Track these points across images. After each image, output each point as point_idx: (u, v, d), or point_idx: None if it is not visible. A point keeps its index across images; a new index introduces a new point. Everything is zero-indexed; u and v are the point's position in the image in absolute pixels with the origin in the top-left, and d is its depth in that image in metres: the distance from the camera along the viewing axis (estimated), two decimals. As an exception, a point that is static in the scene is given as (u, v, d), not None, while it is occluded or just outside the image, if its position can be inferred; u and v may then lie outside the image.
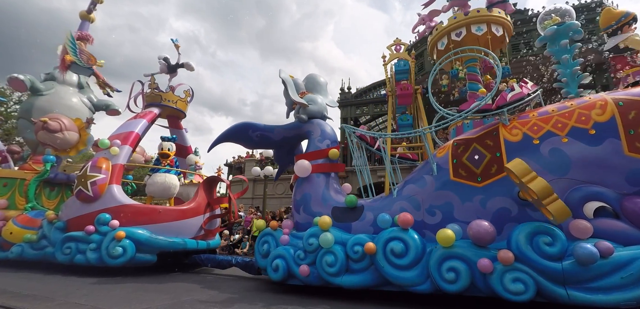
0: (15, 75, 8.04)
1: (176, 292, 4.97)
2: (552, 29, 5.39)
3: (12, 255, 6.60)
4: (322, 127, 6.34)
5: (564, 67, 5.35)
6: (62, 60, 7.98)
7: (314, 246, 4.82)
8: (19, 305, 3.84)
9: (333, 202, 5.59)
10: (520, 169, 3.43)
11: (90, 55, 8.71)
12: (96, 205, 6.56)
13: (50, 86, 8.51)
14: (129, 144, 7.34)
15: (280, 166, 7.71)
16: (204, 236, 7.53)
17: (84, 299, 4.26)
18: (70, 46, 8.22)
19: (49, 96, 8.40)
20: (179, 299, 4.43)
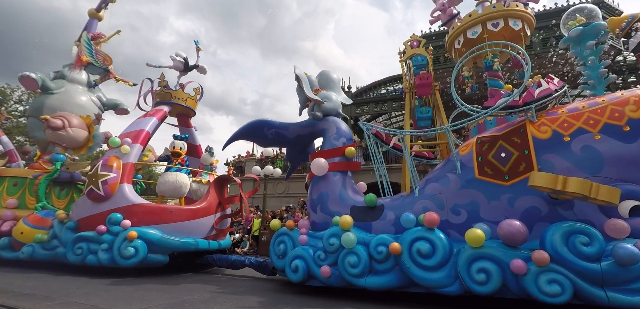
0: (28, 73, 7.94)
1: (177, 291, 4.94)
2: (578, 30, 5.22)
3: (23, 255, 6.49)
4: (338, 125, 6.23)
5: (591, 70, 5.18)
6: (78, 61, 7.85)
7: (335, 247, 4.70)
8: (19, 304, 3.82)
9: (351, 201, 5.47)
10: (547, 180, 3.35)
11: (106, 56, 8.61)
12: (107, 204, 6.44)
13: (61, 85, 8.41)
14: (140, 142, 7.23)
15: (292, 165, 7.59)
16: (215, 236, 7.42)
17: (84, 299, 4.24)
18: (86, 47, 8.12)
19: (59, 95, 8.30)
20: (180, 299, 4.41)
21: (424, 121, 5.79)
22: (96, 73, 8.64)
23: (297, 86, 6.76)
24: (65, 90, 8.44)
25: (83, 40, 8.12)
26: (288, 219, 10.87)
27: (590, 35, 5.26)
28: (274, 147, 6.92)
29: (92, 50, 8.19)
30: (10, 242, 6.81)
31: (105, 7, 9.75)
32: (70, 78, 8.69)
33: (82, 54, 7.86)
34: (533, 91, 4.43)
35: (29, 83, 8.12)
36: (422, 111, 5.74)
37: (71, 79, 8.70)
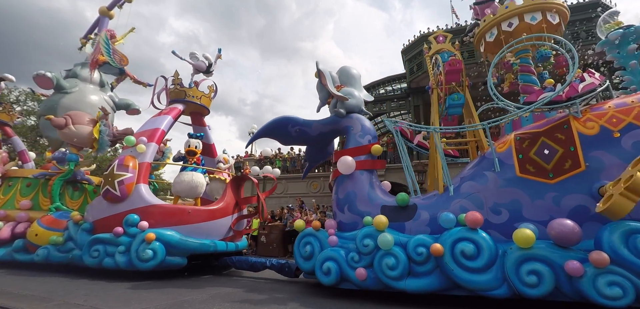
0: (43, 72, 7.76)
1: (176, 292, 4.89)
2: (618, 33, 4.98)
3: (38, 257, 6.30)
4: (362, 122, 6.04)
5: (632, 74, 4.96)
6: (95, 60, 7.66)
7: (370, 248, 4.51)
8: (17, 305, 3.78)
9: (380, 201, 5.27)
10: None
11: (123, 56, 8.44)
12: (124, 205, 6.26)
13: (74, 84, 8.23)
14: (155, 141, 7.04)
15: (310, 164, 7.38)
16: (232, 237, 7.23)
17: (82, 300, 4.21)
18: (105, 47, 7.94)
19: (73, 94, 8.12)
20: (179, 299, 4.37)
21: (455, 108, 5.54)
22: (112, 73, 8.43)
23: (318, 82, 6.58)
24: (79, 90, 8.25)
25: (101, 39, 7.93)
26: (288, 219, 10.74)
27: (631, 38, 5.03)
28: (296, 145, 6.70)
29: (109, 50, 8.01)
30: (24, 244, 6.62)
31: (120, 6, 9.58)
32: (83, 78, 8.51)
33: (99, 53, 7.66)
34: (576, 86, 4.24)
35: (44, 82, 7.93)
36: (454, 98, 5.49)
37: (84, 78, 8.52)
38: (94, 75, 9.09)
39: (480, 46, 6.19)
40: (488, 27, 5.77)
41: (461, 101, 5.47)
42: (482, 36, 5.99)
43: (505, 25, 5.54)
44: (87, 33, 10.74)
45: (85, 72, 8.73)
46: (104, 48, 7.96)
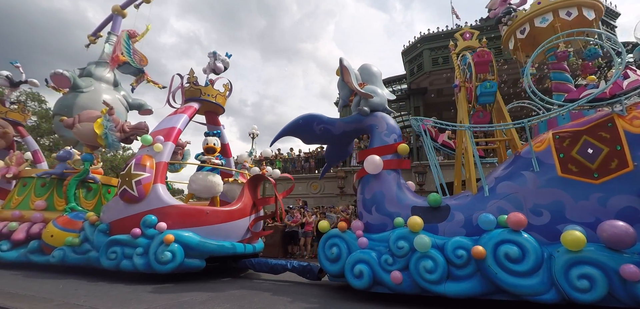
0: (60, 71, 7.64)
1: (176, 292, 4.86)
2: None
3: (54, 259, 6.17)
4: (387, 121, 5.88)
5: None
6: (114, 59, 7.53)
7: (404, 250, 4.34)
8: (17, 305, 3.79)
9: (410, 201, 5.10)
10: None
11: (143, 56, 8.31)
12: (141, 205, 6.12)
13: (89, 83, 8.12)
14: (172, 140, 6.90)
15: (329, 164, 7.21)
16: (249, 239, 7.07)
17: (82, 300, 4.21)
18: (125, 47, 7.81)
19: (89, 93, 8.00)
20: (178, 300, 4.37)
21: (487, 96, 5.34)
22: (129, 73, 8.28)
23: (340, 80, 6.42)
24: (94, 89, 8.14)
25: (122, 38, 7.80)
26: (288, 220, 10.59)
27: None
28: (319, 144, 6.54)
29: (130, 50, 7.88)
30: (40, 245, 6.50)
31: (136, 6, 9.47)
32: (98, 77, 8.40)
33: (119, 52, 7.51)
34: (621, 83, 4.04)
35: (61, 81, 7.81)
36: (486, 86, 5.27)
37: (98, 77, 8.41)
38: (107, 74, 8.99)
39: (508, 43, 5.98)
40: (519, 23, 5.58)
41: (493, 89, 5.27)
42: (512, 33, 5.80)
43: (539, 21, 5.36)
44: (96, 30, 10.62)
45: (100, 70, 8.62)
46: (125, 48, 7.82)
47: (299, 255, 10.80)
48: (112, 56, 7.45)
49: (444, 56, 14.89)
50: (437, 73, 15.08)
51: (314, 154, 17.82)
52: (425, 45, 15.33)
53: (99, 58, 9.12)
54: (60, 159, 7.92)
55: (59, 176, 7.72)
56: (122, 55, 7.64)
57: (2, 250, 6.48)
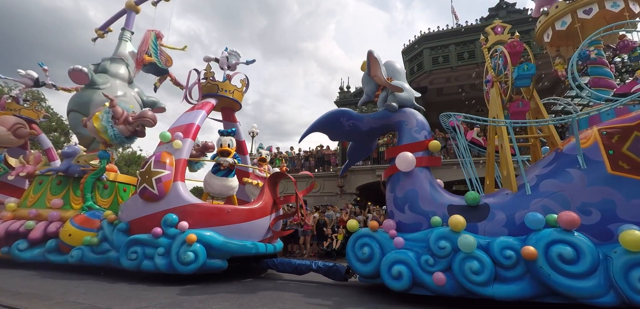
0: (79, 67, 7.47)
1: (175, 291, 4.83)
2: None
3: (73, 259, 5.99)
4: (417, 117, 5.62)
5: None
6: (140, 59, 7.32)
7: (446, 251, 4.08)
8: (17, 303, 3.76)
9: (445, 200, 4.85)
10: None
11: (168, 57, 8.10)
12: (162, 204, 5.91)
13: (105, 79, 7.94)
14: (191, 137, 6.69)
15: (350, 161, 6.95)
16: (270, 238, 6.85)
17: (82, 298, 4.23)
18: (153, 47, 7.60)
19: (105, 89, 7.82)
20: (177, 298, 4.37)
21: (524, 79, 5.04)
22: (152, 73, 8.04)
23: (365, 74, 6.15)
24: (111, 86, 7.96)
25: (150, 39, 7.59)
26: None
27: None
28: (346, 140, 6.29)
29: (157, 50, 7.67)
30: (57, 244, 6.33)
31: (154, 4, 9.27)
32: (113, 73, 8.23)
33: (145, 52, 7.29)
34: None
35: (79, 77, 7.63)
36: (523, 68, 4.95)
37: (113, 74, 8.24)
38: (122, 71, 8.82)
39: (544, 36, 5.66)
40: (559, 15, 5.25)
41: (531, 70, 4.97)
42: (549, 26, 5.47)
43: (582, 12, 5.04)
44: (105, 25, 10.40)
45: (115, 67, 8.46)
46: (152, 48, 7.60)
47: (299, 254, 10.58)
48: (139, 56, 7.22)
49: (444, 55, 14.73)
50: (437, 72, 14.94)
51: (313, 153, 17.65)
52: (425, 44, 15.21)
53: (113, 55, 8.95)
54: (65, 155, 7.76)
55: (64, 173, 7.59)
56: (149, 56, 7.41)
57: (19, 249, 6.32)
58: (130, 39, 9.45)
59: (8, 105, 8.46)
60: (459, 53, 14.49)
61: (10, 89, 23.17)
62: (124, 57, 9.01)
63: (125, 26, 9.44)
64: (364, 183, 15.45)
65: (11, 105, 8.50)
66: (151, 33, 7.74)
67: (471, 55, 14.40)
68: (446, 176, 13.61)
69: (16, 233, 6.46)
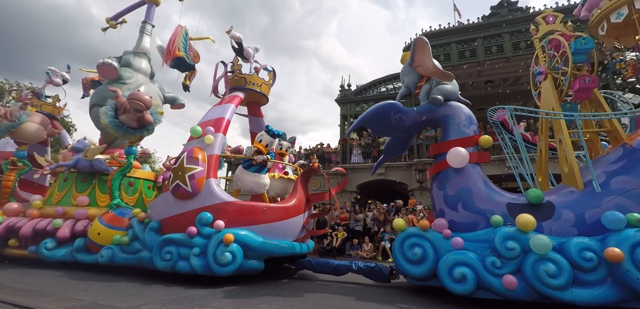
0: (109, 61, 7.24)
1: (176, 288, 4.84)
2: None
3: (103, 259, 5.75)
4: (464, 110, 5.33)
5: None
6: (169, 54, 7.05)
7: (516, 252, 3.80)
8: (17, 300, 3.74)
9: (503, 198, 4.56)
10: None
11: (196, 53, 7.84)
12: (195, 202, 5.65)
13: (130, 74, 7.70)
14: (222, 132, 6.44)
15: (384, 158, 6.65)
16: (303, 238, 6.59)
17: (82, 294, 4.22)
18: (183, 42, 7.34)
19: (130, 85, 7.59)
20: (178, 295, 4.36)
21: (581, 54, 4.71)
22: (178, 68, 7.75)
23: (406, 65, 5.83)
24: (135, 80, 7.73)
25: (181, 34, 7.33)
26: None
27: None
28: (389, 135, 5.99)
29: (187, 46, 7.40)
30: (85, 243, 6.10)
31: None
32: (136, 67, 7.99)
33: (174, 47, 7.01)
34: None
35: (108, 72, 7.39)
36: (580, 42, 4.65)
37: (137, 68, 8.00)
38: (143, 65, 8.58)
39: (598, 29, 5.32)
40: (614, 7, 4.92)
41: (589, 45, 4.66)
42: (603, 18, 5.14)
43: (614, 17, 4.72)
44: (118, 15, 10.06)
45: (137, 61, 8.22)
46: (183, 43, 7.34)
47: None
48: (168, 50, 6.95)
49: (445, 53, 14.49)
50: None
51: (314, 150, 17.43)
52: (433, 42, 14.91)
53: (134, 48, 8.71)
54: (75, 150, 7.54)
55: (73, 168, 7.39)
56: (179, 51, 7.14)
57: (47, 249, 6.11)
58: (151, 32, 9.20)
59: (30, 100, 8.26)
60: (460, 52, 14.26)
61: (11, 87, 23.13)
62: (146, 51, 8.77)
63: (145, 19, 9.20)
64: (364, 181, 15.26)
65: (33, 100, 8.30)
66: (182, 28, 7.46)
67: (472, 54, 14.16)
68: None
69: (43, 232, 6.24)
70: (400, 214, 10.45)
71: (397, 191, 16.17)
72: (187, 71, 7.63)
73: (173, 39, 7.05)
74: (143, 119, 6.70)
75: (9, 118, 7.55)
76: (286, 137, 7.03)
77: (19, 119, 7.70)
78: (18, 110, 7.79)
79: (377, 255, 9.49)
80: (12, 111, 7.63)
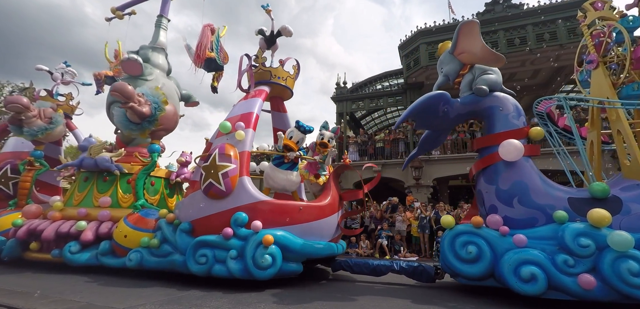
0: (134, 56, 6.90)
1: (173, 288, 4.81)
2: None
3: (131, 262, 5.47)
4: (512, 101, 5.10)
5: None
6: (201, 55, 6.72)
7: (590, 250, 3.58)
8: (12, 302, 3.72)
9: (562, 192, 4.33)
10: None
11: (226, 54, 7.51)
12: (229, 202, 5.38)
13: (150, 70, 7.38)
14: (252, 127, 6.15)
15: (418, 152, 6.41)
16: (337, 237, 6.35)
17: (79, 296, 4.19)
18: (216, 43, 7.02)
19: (151, 81, 7.27)
20: (176, 295, 4.35)
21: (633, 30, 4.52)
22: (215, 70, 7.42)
23: (445, 54, 5.61)
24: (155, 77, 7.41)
25: (215, 35, 7.00)
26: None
27: None
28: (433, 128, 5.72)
29: (218, 46, 7.08)
30: (111, 246, 5.81)
31: None
32: (155, 63, 7.67)
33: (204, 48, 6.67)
34: None
35: (133, 68, 7.05)
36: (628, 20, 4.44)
37: (155, 64, 7.68)
38: (161, 60, 8.26)
39: None
40: None
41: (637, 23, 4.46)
42: None
43: None
44: (125, 6, 9.56)
45: (155, 56, 7.90)
46: (215, 44, 7.02)
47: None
48: (198, 51, 6.62)
49: None
50: (433, 67, 14.65)
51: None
52: (422, 39, 14.91)
53: (151, 43, 8.36)
54: (82, 149, 7.23)
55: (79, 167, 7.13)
56: (210, 52, 6.82)
57: (71, 252, 5.80)
58: (167, 27, 8.85)
59: (43, 98, 7.91)
60: None
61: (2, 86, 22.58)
62: (163, 46, 8.43)
63: (161, 13, 8.84)
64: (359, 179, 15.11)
65: (46, 98, 7.95)
66: (216, 28, 7.13)
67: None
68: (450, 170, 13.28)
69: (67, 235, 5.93)
70: (398, 211, 10.26)
71: (394, 188, 16.04)
72: (215, 71, 7.30)
73: (202, 40, 6.72)
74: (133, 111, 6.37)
75: (43, 119, 7.22)
76: (328, 126, 6.72)
77: (56, 122, 7.45)
78: (50, 111, 7.46)
79: (375, 253, 9.29)
80: (46, 111, 7.30)
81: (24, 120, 6.97)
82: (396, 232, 9.80)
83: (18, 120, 6.94)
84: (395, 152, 15.16)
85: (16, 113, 6.94)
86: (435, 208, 10.25)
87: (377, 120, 21.90)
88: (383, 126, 21.68)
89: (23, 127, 7.02)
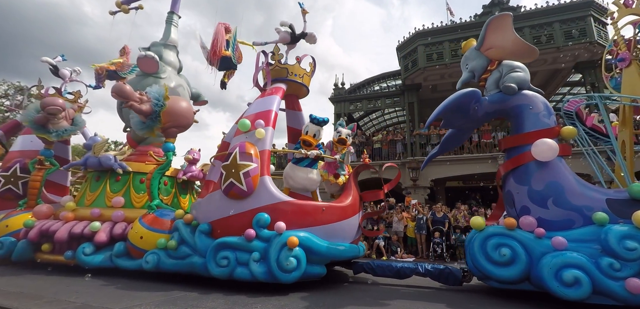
0: (151, 53, 6.73)
1: (169, 288, 4.80)
2: None
3: (148, 265, 5.29)
4: (542, 100, 4.97)
5: None
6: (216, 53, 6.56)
7: (638, 253, 3.47)
8: (6, 303, 3.72)
9: (600, 193, 4.22)
10: None
11: (240, 53, 7.36)
12: (250, 202, 5.22)
13: (163, 68, 7.20)
14: (271, 125, 5.99)
15: (440, 150, 6.28)
16: (358, 238, 6.20)
17: (74, 297, 4.15)
18: (232, 42, 6.86)
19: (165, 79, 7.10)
20: (172, 296, 4.34)
21: None
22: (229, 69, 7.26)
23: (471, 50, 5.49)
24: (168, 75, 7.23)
25: (232, 34, 6.85)
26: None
27: None
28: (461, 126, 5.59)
29: (234, 46, 6.92)
30: (126, 248, 5.63)
31: None
32: (167, 61, 7.49)
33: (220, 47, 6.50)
34: None
35: (149, 65, 6.88)
36: None
37: (167, 61, 7.50)
38: (172, 57, 8.08)
39: None
40: None
41: None
42: None
43: None
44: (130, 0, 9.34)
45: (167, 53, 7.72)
46: (232, 43, 6.86)
47: None
48: (214, 49, 6.45)
49: (438, 52, 14.42)
50: (431, 69, 14.68)
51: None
52: (420, 41, 14.86)
53: (163, 40, 8.17)
54: (86, 148, 7.06)
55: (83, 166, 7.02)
56: (226, 51, 6.66)
57: (85, 254, 5.61)
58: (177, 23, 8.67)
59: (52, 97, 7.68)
60: (452, 50, 14.15)
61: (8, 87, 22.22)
62: (175, 44, 8.25)
63: (172, 9, 8.65)
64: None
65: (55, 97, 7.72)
66: (235, 28, 6.98)
67: None
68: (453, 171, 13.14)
69: (79, 236, 5.73)
70: (395, 211, 10.14)
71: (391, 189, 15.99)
72: (227, 70, 7.14)
73: (217, 38, 6.55)
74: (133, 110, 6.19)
75: (68, 119, 7.04)
76: (344, 124, 6.58)
77: (79, 123, 7.31)
78: (72, 112, 7.28)
79: (372, 254, 9.18)
80: (69, 112, 7.09)
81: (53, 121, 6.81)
82: (393, 233, 9.70)
83: (45, 120, 6.76)
84: (393, 153, 15.14)
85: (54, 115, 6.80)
86: (432, 209, 10.16)
87: (375, 121, 21.76)
88: (381, 127, 21.63)
89: (49, 128, 6.82)
